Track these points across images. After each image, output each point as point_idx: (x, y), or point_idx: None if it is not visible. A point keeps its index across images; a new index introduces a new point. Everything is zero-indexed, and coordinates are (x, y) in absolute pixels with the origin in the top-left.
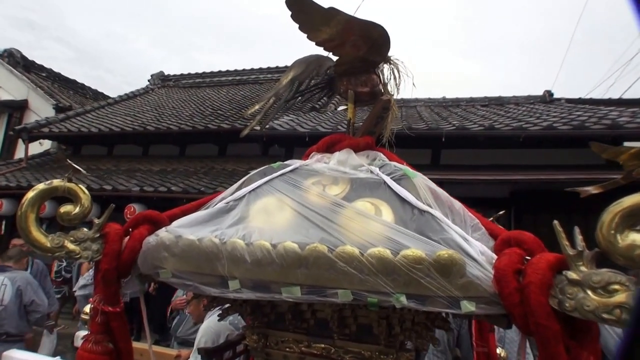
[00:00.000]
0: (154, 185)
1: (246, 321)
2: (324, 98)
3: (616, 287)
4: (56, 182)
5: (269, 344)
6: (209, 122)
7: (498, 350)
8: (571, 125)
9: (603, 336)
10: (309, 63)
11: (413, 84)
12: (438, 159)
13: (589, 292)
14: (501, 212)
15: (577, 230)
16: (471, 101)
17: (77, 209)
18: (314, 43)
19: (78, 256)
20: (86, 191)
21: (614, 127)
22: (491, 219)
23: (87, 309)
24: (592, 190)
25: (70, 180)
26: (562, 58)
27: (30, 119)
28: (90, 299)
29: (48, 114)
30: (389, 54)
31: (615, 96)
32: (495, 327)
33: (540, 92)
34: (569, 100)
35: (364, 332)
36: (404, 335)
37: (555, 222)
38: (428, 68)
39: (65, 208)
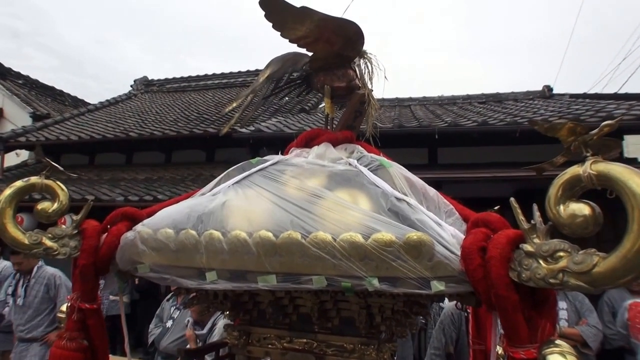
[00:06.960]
0: (139, 194)
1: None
2: (303, 94)
3: (561, 254)
4: (33, 179)
5: (250, 341)
6: (195, 126)
7: (497, 348)
8: (567, 119)
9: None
10: (286, 60)
11: (385, 77)
12: (435, 158)
13: (541, 262)
14: (497, 207)
15: (535, 207)
16: (468, 98)
17: (55, 206)
18: (288, 40)
19: (56, 252)
20: (64, 188)
21: (608, 119)
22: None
23: (63, 307)
24: (540, 170)
25: (48, 178)
26: (563, 55)
27: (6, 128)
28: (68, 297)
29: (25, 122)
30: (364, 48)
31: (616, 91)
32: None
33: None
34: (572, 96)
35: (345, 324)
36: (385, 324)
37: (512, 199)
38: (430, 69)
39: (43, 205)
